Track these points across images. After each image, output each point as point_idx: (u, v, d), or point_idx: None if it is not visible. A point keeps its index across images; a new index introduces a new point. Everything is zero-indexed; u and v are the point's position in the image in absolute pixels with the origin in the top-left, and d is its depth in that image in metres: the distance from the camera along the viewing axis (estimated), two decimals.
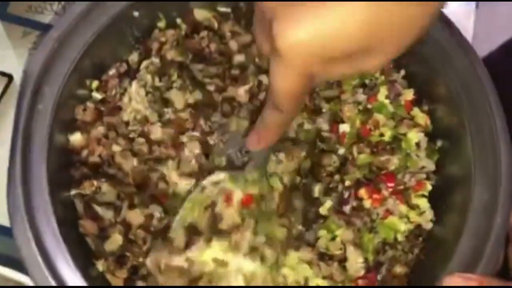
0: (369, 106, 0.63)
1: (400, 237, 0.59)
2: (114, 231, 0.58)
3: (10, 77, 0.69)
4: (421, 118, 0.63)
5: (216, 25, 0.66)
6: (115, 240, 0.57)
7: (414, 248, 0.60)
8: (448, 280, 0.51)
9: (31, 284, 0.54)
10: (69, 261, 0.53)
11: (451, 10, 0.63)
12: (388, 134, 0.61)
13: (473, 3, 0.74)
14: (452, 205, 0.58)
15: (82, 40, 0.59)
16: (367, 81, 0.64)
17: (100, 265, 0.57)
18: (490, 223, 0.54)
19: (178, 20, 0.66)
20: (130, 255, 0.58)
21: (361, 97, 0.63)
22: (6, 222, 0.58)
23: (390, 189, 0.59)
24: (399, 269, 0.59)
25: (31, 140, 0.55)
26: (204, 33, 0.65)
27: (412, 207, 0.60)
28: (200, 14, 0.66)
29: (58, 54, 0.58)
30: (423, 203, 0.60)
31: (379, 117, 0.61)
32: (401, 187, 0.60)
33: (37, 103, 0.57)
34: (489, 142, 0.57)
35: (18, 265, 0.59)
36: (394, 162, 0.60)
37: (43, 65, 0.57)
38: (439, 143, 0.62)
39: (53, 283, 0.52)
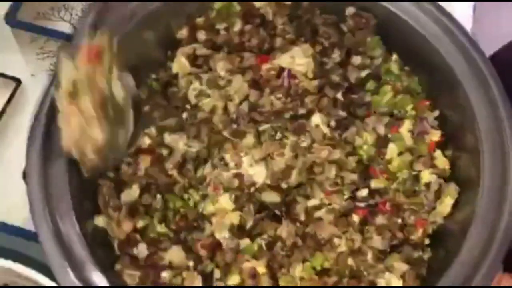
0: (389, 135, 0.62)
1: None
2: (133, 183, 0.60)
3: (18, 81, 0.71)
4: (442, 162, 0.62)
5: (270, 16, 0.67)
6: (132, 192, 0.59)
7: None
8: None
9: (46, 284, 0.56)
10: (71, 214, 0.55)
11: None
12: (394, 164, 0.61)
13: (471, 9, 0.73)
14: None
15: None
16: (395, 111, 0.64)
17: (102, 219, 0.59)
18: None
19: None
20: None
21: (383, 126, 0.63)
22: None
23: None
24: None
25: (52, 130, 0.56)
26: (248, 27, 0.66)
27: None
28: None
29: None
30: None
31: (392, 147, 0.61)
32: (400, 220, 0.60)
33: None
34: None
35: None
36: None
37: None
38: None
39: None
